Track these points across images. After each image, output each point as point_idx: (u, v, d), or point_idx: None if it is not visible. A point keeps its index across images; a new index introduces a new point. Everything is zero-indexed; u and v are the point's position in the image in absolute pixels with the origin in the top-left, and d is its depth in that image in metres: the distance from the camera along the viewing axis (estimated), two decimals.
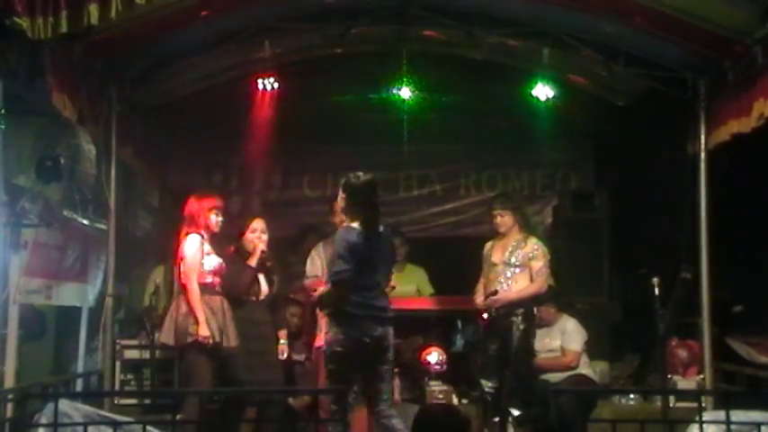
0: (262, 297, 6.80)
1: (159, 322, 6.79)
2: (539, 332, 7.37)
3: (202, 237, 6.37)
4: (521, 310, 6.66)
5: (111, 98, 7.18)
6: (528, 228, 7.03)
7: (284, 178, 10.31)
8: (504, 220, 6.89)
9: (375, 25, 7.78)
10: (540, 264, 6.78)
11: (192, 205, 6.43)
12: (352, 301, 5.55)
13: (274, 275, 6.91)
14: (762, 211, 7.43)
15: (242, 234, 6.83)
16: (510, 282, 6.73)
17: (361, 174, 5.70)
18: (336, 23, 7.55)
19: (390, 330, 5.72)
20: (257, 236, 6.78)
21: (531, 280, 6.75)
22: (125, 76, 7.30)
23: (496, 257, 6.85)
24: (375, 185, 5.73)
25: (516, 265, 6.75)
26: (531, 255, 6.77)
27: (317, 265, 6.84)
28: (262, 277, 6.82)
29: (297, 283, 7.61)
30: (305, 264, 6.99)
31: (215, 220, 6.44)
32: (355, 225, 5.61)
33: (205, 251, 6.36)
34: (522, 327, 6.64)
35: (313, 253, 6.92)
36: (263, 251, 6.76)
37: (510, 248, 6.81)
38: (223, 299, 6.41)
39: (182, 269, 6.28)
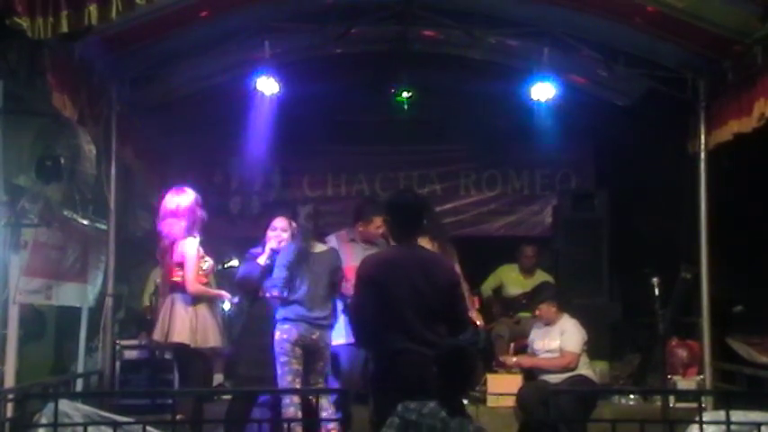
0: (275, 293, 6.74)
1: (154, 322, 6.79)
2: (539, 331, 7.38)
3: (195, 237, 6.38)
4: None
5: (111, 98, 7.18)
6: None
7: (284, 178, 10.31)
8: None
9: (375, 25, 7.78)
10: None
11: (183, 204, 6.37)
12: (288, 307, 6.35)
13: None
14: (762, 211, 7.43)
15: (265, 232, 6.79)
16: None
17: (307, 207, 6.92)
18: (336, 23, 7.54)
19: (327, 333, 6.41)
20: (277, 234, 6.72)
21: None
22: (125, 76, 7.30)
23: None
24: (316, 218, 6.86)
25: None
26: None
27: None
28: None
29: None
30: None
31: (202, 217, 6.43)
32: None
33: (202, 254, 6.38)
34: None
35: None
36: (272, 249, 6.72)
37: None
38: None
39: (183, 272, 6.27)
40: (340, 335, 6.72)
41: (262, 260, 6.68)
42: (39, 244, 6.49)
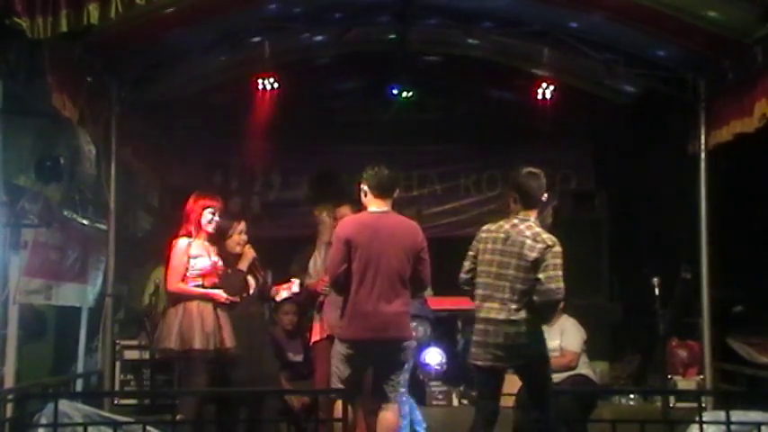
0: (251, 291, 6.72)
1: (155, 325, 6.76)
2: None
3: (191, 237, 6.27)
4: None
5: (111, 98, 7.18)
6: None
7: (284, 178, 10.32)
8: None
9: (375, 25, 7.79)
10: None
11: (188, 204, 6.33)
12: None
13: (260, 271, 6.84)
14: (762, 211, 7.43)
15: (229, 236, 6.68)
16: None
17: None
18: (336, 23, 7.55)
19: None
20: (244, 238, 6.68)
21: None
22: (125, 76, 7.30)
23: None
24: None
25: None
26: None
27: (318, 264, 6.88)
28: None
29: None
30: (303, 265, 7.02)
31: (208, 219, 6.23)
32: None
33: (193, 254, 6.16)
34: None
35: (315, 253, 6.93)
36: (255, 258, 6.70)
37: None
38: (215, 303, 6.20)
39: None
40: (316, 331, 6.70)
41: (244, 266, 6.65)
42: (39, 244, 6.49)
